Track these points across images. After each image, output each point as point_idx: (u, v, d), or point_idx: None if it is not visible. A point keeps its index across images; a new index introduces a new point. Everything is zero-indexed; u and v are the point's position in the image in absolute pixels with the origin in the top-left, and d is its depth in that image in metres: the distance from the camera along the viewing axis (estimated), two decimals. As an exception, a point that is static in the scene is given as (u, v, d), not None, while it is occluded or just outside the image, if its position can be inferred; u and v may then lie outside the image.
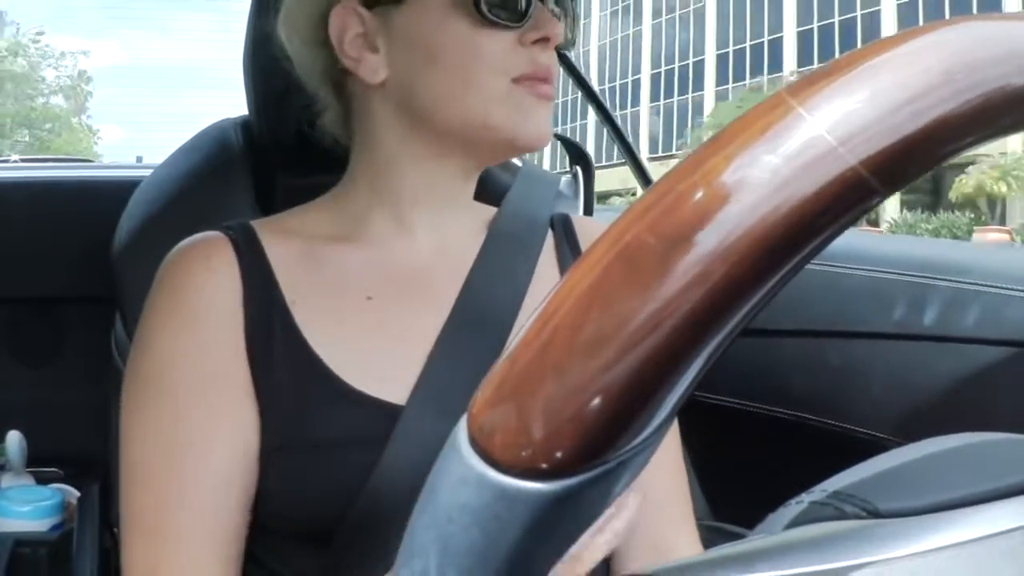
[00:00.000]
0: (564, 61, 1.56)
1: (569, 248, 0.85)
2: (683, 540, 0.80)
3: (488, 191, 0.93)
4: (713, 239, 0.23)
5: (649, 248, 0.24)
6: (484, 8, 0.72)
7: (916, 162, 0.24)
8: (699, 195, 0.24)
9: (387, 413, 0.71)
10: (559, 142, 1.46)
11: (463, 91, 0.73)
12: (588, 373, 0.24)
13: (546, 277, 0.81)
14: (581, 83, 1.57)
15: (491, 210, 0.87)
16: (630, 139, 1.68)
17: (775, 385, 1.27)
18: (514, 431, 0.25)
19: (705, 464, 1.21)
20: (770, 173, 0.23)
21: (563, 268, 0.83)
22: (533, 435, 0.25)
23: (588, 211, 1.26)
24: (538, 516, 0.25)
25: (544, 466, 0.25)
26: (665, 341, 0.24)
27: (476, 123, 0.74)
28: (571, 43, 0.84)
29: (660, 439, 0.26)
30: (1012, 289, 1.10)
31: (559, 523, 0.26)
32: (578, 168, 1.29)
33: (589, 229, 0.88)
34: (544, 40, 0.74)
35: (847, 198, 0.23)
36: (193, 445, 0.69)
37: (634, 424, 0.25)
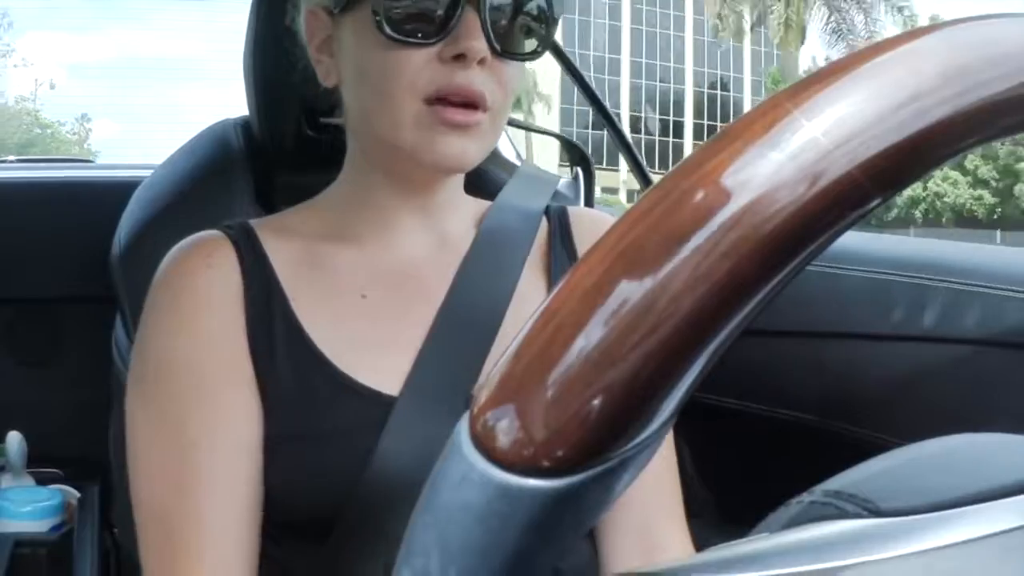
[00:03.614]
0: (565, 63, 1.56)
1: (561, 240, 0.84)
2: (671, 532, 0.80)
3: (485, 189, 0.93)
4: (712, 240, 0.23)
5: (649, 248, 0.24)
6: (387, 28, 0.69)
7: (913, 165, 0.24)
8: (698, 197, 0.24)
9: (383, 402, 0.72)
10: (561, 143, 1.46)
11: (379, 109, 0.72)
12: (590, 372, 0.24)
13: (536, 269, 0.81)
14: (582, 84, 1.57)
15: (485, 205, 0.86)
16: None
17: (775, 386, 1.26)
18: (516, 429, 0.25)
19: (705, 464, 1.21)
20: (766, 176, 0.23)
21: (553, 259, 0.83)
22: (535, 433, 0.25)
23: (588, 212, 1.26)
24: (540, 514, 0.25)
25: (546, 464, 0.25)
26: (666, 341, 0.24)
27: (388, 142, 0.73)
28: (534, 53, 0.75)
29: (663, 437, 0.26)
30: (1012, 290, 1.10)
31: (560, 521, 0.26)
32: (579, 170, 1.29)
33: (585, 220, 0.87)
34: (462, 57, 0.69)
35: (843, 202, 0.23)
36: (200, 440, 0.70)
37: (636, 422, 0.25)
